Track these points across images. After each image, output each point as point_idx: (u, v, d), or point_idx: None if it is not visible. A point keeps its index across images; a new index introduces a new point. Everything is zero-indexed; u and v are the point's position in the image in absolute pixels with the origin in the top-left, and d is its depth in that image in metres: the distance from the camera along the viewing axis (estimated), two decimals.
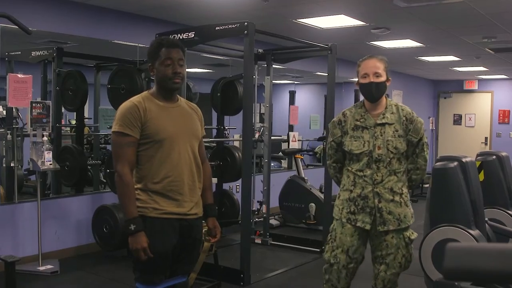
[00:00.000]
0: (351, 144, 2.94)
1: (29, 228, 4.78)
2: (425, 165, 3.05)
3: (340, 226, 2.98)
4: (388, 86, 3.00)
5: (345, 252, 2.95)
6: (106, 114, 5.76)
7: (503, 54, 8.13)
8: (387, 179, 2.89)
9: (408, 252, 2.98)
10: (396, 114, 2.95)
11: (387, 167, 2.89)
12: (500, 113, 11.98)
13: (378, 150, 2.88)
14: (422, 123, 3.01)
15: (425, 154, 3.03)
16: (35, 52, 5.50)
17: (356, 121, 2.97)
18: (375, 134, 2.90)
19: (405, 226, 2.93)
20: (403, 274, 4.74)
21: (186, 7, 5.29)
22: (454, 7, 5.18)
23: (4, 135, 5.06)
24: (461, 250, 1.15)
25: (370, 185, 2.89)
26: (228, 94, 5.80)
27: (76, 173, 5.28)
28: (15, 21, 3.91)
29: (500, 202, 4.30)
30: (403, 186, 2.96)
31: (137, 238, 2.41)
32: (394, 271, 2.95)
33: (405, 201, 2.95)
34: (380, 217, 2.89)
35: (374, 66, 2.93)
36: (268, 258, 5.34)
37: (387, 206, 2.89)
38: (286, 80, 10.06)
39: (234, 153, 5.87)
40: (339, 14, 5.56)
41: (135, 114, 2.47)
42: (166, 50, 2.52)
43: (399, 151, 2.91)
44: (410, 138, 2.94)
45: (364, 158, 2.90)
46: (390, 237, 2.92)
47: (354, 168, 2.95)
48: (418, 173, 3.05)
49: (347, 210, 2.95)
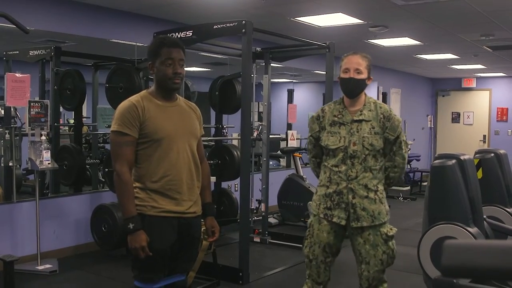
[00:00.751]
0: (327, 139, 2.99)
1: (28, 228, 4.78)
2: (403, 163, 3.04)
3: (317, 222, 3.03)
4: (368, 84, 3.02)
5: (322, 248, 3.00)
6: (105, 113, 5.76)
7: (501, 51, 8.14)
8: (362, 175, 2.92)
9: (389, 248, 2.97)
10: (374, 111, 2.98)
11: (362, 163, 2.92)
12: (498, 111, 12.00)
13: (353, 146, 2.92)
14: (399, 121, 3.02)
15: (403, 152, 3.02)
16: (33, 51, 5.49)
17: (334, 117, 3.01)
18: (351, 130, 2.94)
19: (380, 223, 2.94)
20: (402, 272, 4.76)
21: (184, 5, 5.29)
22: (451, 5, 5.19)
23: (3, 134, 5.06)
24: (459, 248, 1.15)
25: (345, 181, 2.93)
26: (226, 93, 5.80)
27: (74, 172, 5.27)
28: (13, 20, 3.91)
29: (498, 200, 4.31)
30: (379, 183, 2.97)
31: (136, 237, 2.42)
32: (376, 269, 2.95)
33: (380, 198, 2.96)
34: (354, 213, 2.92)
35: (357, 63, 2.96)
36: (267, 257, 5.34)
37: (361, 202, 2.91)
38: (284, 78, 10.05)
39: (232, 152, 5.87)
40: (337, 12, 5.56)
41: (133, 113, 2.47)
42: (167, 49, 2.51)
43: (374, 148, 2.93)
44: (387, 135, 2.96)
45: (339, 154, 2.94)
46: (367, 234, 2.94)
47: (330, 164, 2.99)
48: (396, 171, 3.04)
49: (324, 205, 2.99)
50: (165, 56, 2.51)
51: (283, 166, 8.66)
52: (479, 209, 3.65)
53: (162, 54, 2.51)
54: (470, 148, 9.41)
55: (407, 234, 6.40)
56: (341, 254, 3.13)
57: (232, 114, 5.97)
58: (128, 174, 2.47)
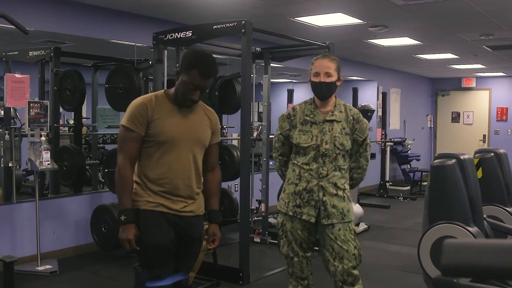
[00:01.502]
0: (299, 137, 3.04)
1: (28, 228, 4.77)
2: (366, 165, 3.15)
3: (289, 221, 3.07)
4: (339, 86, 3.09)
5: (299, 245, 3.07)
6: (104, 113, 5.76)
7: (501, 51, 8.14)
8: (332, 174, 2.99)
9: (358, 244, 3.04)
10: (344, 113, 3.07)
11: (333, 162, 2.99)
12: (498, 110, 12.00)
13: (325, 145, 2.99)
14: (367, 124, 3.14)
15: (367, 155, 3.14)
16: (32, 52, 5.50)
17: (305, 116, 3.08)
18: (323, 130, 3.01)
19: (349, 220, 3.01)
20: (402, 272, 4.76)
21: (183, 6, 5.29)
22: (451, 5, 5.19)
23: (2, 135, 5.05)
24: (459, 247, 1.15)
25: (316, 178, 2.98)
26: (226, 93, 5.80)
27: (74, 173, 5.27)
28: (12, 21, 3.90)
29: (498, 199, 4.31)
30: (346, 182, 3.06)
31: (126, 229, 2.48)
32: (351, 264, 2.98)
33: (348, 197, 3.05)
34: (325, 211, 2.97)
35: (326, 66, 3.04)
36: (267, 257, 5.34)
37: (331, 200, 2.98)
38: (284, 78, 10.05)
39: (232, 152, 5.86)
40: (336, 12, 5.56)
41: (142, 112, 2.51)
42: (197, 75, 2.48)
43: (344, 148, 3.01)
44: (356, 137, 3.06)
45: (311, 152, 3.00)
46: (337, 230, 2.98)
47: (300, 162, 3.04)
48: (360, 172, 3.15)
49: (293, 203, 3.04)
50: (191, 80, 2.48)
51: None
52: (479, 208, 3.65)
53: (190, 75, 2.48)
54: (470, 147, 9.41)
55: (407, 233, 6.40)
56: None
57: (232, 114, 5.97)
58: (129, 169, 2.51)
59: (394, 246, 5.87)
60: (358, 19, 5.85)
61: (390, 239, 6.17)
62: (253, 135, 5.60)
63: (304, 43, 5.45)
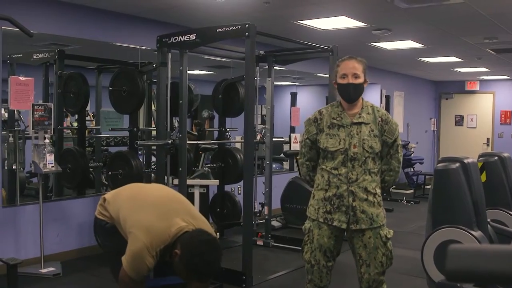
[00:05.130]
0: (326, 141, 2.97)
1: (31, 231, 4.78)
2: (398, 167, 3.06)
3: (317, 228, 3.01)
4: (365, 87, 3.04)
5: (323, 253, 3.00)
6: (108, 116, 5.77)
7: (505, 54, 8.13)
8: (362, 178, 2.92)
9: (388, 249, 2.99)
10: (372, 114, 3.00)
11: (362, 166, 2.92)
12: (502, 113, 11.97)
13: (354, 149, 2.92)
14: (397, 124, 3.06)
15: (399, 156, 3.05)
16: (36, 54, 5.51)
17: (332, 119, 3.00)
18: (351, 133, 2.94)
19: (378, 226, 2.95)
20: (405, 275, 4.75)
21: (187, 9, 5.30)
22: (455, 8, 5.18)
23: (6, 137, 5.06)
24: (464, 252, 1.15)
25: (345, 183, 2.92)
26: (229, 96, 5.80)
27: (78, 175, 5.28)
28: (17, 24, 3.92)
29: (502, 203, 4.30)
30: (377, 186, 2.98)
31: None
32: (377, 271, 2.96)
33: (378, 202, 2.97)
34: (354, 216, 2.91)
35: (353, 67, 2.97)
36: (270, 260, 5.33)
37: (361, 205, 2.91)
38: (288, 81, 10.05)
39: (235, 155, 5.87)
40: (340, 16, 5.57)
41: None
42: (199, 283, 2.50)
43: (374, 151, 2.94)
44: (385, 138, 2.98)
45: (339, 156, 2.93)
46: (367, 238, 2.94)
47: (328, 166, 2.97)
48: (391, 175, 3.06)
49: (323, 209, 2.98)
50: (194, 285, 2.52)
51: (286, 169, 8.65)
52: (483, 212, 3.64)
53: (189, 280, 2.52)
54: (474, 151, 9.38)
55: (410, 237, 6.39)
56: (344, 256, 3.13)
57: (235, 117, 5.97)
58: None
59: (397, 249, 5.82)
60: (361, 22, 5.85)
61: (393, 242, 6.07)
62: (256, 138, 5.60)
63: (307, 47, 5.45)
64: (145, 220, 2.51)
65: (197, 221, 2.62)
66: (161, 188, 2.96)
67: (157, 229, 2.48)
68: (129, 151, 5.30)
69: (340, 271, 3.13)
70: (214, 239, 2.50)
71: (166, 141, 4.88)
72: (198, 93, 5.85)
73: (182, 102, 4.85)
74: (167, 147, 4.95)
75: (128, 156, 5.12)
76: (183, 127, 4.92)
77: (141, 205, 2.63)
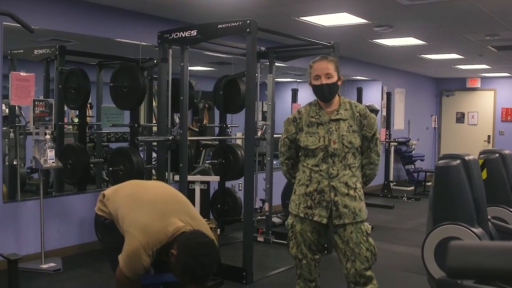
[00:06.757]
0: (306, 139, 3.04)
1: (32, 226, 4.79)
2: (378, 159, 3.13)
3: (299, 223, 3.07)
4: (340, 85, 3.09)
5: (307, 247, 3.07)
6: (109, 112, 5.76)
7: (506, 52, 8.11)
8: (342, 173, 2.98)
9: (371, 244, 3.03)
10: (350, 110, 3.06)
11: (342, 161, 2.98)
12: (503, 111, 11.96)
13: (334, 145, 2.98)
14: (375, 118, 3.12)
15: (378, 149, 3.12)
16: (37, 50, 5.50)
17: (311, 118, 3.07)
18: (330, 129, 3.00)
19: (361, 220, 3.00)
20: (406, 272, 4.76)
21: (188, 5, 5.29)
22: (457, 5, 5.17)
23: (7, 133, 5.06)
24: (464, 248, 1.15)
25: (326, 179, 2.97)
26: (230, 92, 5.80)
27: (78, 171, 5.29)
28: (18, 19, 3.92)
29: (503, 200, 4.30)
30: (357, 181, 3.04)
31: None
32: (363, 267, 2.98)
33: (360, 196, 3.03)
34: (336, 211, 2.96)
35: (326, 68, 3.06)
36: (270, 256, 5.34)
37: (343, 199, 2.96)
38: (289, 78, 10.04)
39: (236, 151, 5.87)
40: (341, 12, 5.56)
41: None
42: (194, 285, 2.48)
43: (353, 146, 3.00)
44: (365, 133, 3.05)
45: (319, 153, 3.00)
46: (349, 232, 2.98)
47: (310, 164, 3.03)
48: (372, 168, 3.13)
49: (304, 205, 3.03)
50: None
51: None
52: (484, 209, 3.64)
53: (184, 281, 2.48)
54: (475, 148, 9.38)
55: (411, 234, 6.39)
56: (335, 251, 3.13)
57: (236, 113, 5.97)
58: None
59: (398, 246, 5.86)
60: (363, 19, 5.84)
61: (393, 239, 6.16)
62: (257, 134, 5.60)
63: (309, 43, 5.44)
64: (142, 220, 2.50)
65: (195, 221, 2.61)
66: (161, 186, 2.95)
67: (154, 229, 2.47)
68: (130, 147, 5.30)
69: (333, 266, 3.15)
70: (212, 241, 2.48)
71: (167, 137, 4.88)
72: (199, 89, 5.85)
73: (183, 98, 4.85)
74: (168, 143, 4.95)
75: (129, 152, 5.12)
76: (184, 123, 4.92)
77: (139, 204, 2.62)
